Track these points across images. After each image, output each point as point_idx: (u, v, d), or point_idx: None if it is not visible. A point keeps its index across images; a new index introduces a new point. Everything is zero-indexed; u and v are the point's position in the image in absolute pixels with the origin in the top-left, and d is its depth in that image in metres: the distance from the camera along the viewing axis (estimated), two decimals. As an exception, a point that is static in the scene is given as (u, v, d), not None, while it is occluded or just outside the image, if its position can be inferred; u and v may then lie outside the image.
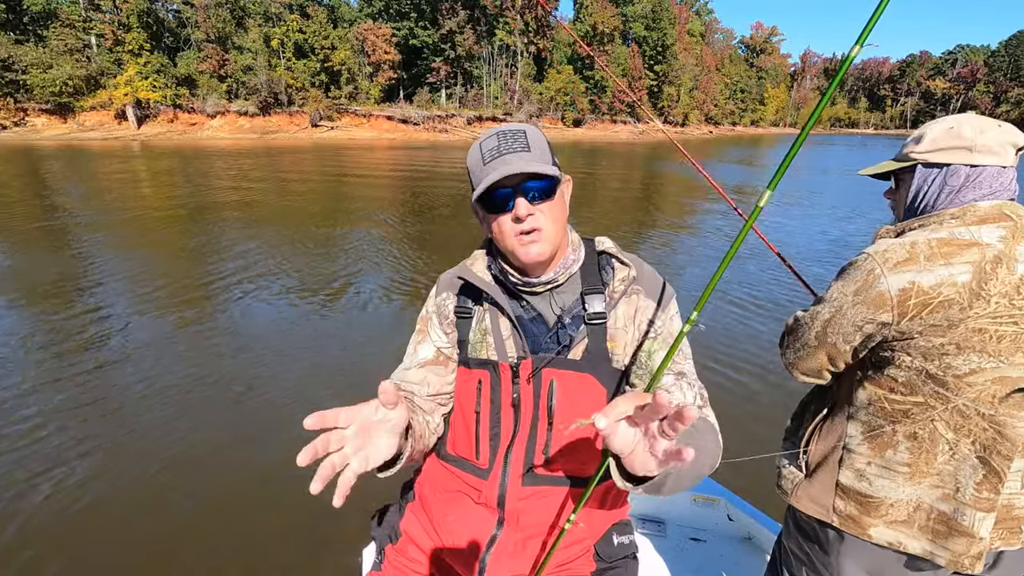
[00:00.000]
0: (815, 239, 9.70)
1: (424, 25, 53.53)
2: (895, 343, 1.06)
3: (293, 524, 2.66)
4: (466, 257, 1.16)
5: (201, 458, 3.23)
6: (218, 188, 14.46)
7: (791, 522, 1.33)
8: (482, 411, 1.08)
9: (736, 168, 25.42)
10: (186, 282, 6.32)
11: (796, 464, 1.27)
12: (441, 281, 1.18)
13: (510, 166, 0.93)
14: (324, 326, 5.18)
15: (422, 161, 24.91)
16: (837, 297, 1.12)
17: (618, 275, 1.08)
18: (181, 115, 41.67)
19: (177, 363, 4.30)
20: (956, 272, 1.00)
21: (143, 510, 2.80)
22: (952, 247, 1.02)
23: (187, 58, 43.32)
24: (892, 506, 1.11)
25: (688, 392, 0.98)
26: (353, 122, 47.66)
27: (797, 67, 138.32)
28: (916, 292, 1.01)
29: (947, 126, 1.12)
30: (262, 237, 8.70)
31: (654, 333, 1.04)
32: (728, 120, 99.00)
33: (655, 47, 70.95)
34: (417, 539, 1.16)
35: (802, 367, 1.22)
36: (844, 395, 1.20)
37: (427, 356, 1.14)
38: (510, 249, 1.00)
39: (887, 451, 1.11)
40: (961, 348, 1.00)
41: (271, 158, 24.69)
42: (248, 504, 2.84)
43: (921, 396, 1.06)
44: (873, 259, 1.07)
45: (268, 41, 45.26)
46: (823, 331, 1.14)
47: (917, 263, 1.02)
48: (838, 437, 1.19)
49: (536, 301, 1.07)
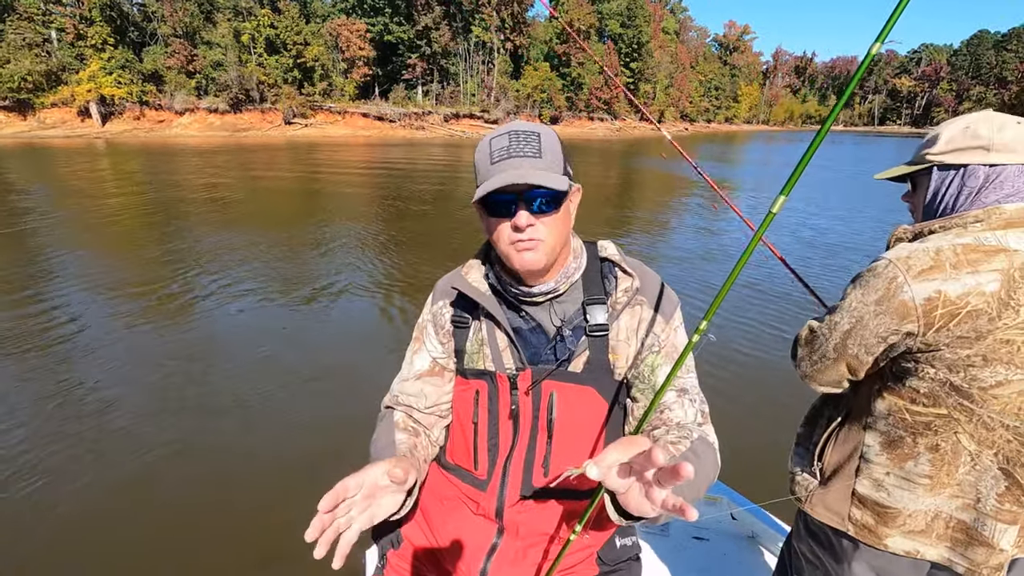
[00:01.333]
0: (795, 233, 9.82)
1: (399, 21, 52.93)
2: (919, 354, 1.02)
3: (294, 526, 2.56)
4: (447, 257, 1.09)
5: (201, 458, 3.16)
6: (189, 187, 14.03)
7: (802, 526, 1.30)
8: (479, 422, 1.07)
9: (711, 164, 25.79)
10: (158, 285, 6.09)
11: (810, 471, 1.24)
12: (437, 289, 1.16)
13: (516, 172, 0.89)
14: (301, 326, 5.02)
15: (399, 159, 24.61)
16: (857, 307, 1.06)
17: (621, 285, 1.05)
18: (148, 112, 40.43)
19: (164, 368, 4.12)
20: (984, 281, 0.95)
21: (140, 508, 2.75)
22: (979, 254, 0.97)
23: (154, 53, 42.01)
24: (911, 516, 1.09)
25: (689, 409, 0.96)
26: (328, 119, 46.89)
27: (769, 65, 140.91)
28: (943, 302, 0.97)
29: (963, 125, 1.08)
30: (236, 238, 8.44)
31: (657, 346, 1.01)
32: (703, 117, 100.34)
33: (631, 44, 71.43)
34: (419, 545, 1.15)
35: (821, 379, 1.17)
36: (862, 404, 1.16)
37: (423, 367, 1.13)
38: (505, 254, 0.96)
39: (907, 462, 1.08)
40: (988, 360, 0.97)
41: (243, 156, 24.11)
42: (248, 504, 2.78)
43: (944, 408, 1.02)
44: (895, 266, 1.01)
45: (238, 36, 44.18)
46: (842, 343, 1.09)
47: (943, 271, 0.97)
48: (855, 446, 1.16)
49: (535, 311, 1.04)
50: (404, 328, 5.04)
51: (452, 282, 1.10)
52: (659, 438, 0.91)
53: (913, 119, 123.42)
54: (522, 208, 0.91)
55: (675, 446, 0.86)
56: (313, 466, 3.02)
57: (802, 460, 1.28)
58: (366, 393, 3.73)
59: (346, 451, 2.95)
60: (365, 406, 1.49)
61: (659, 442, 0.88)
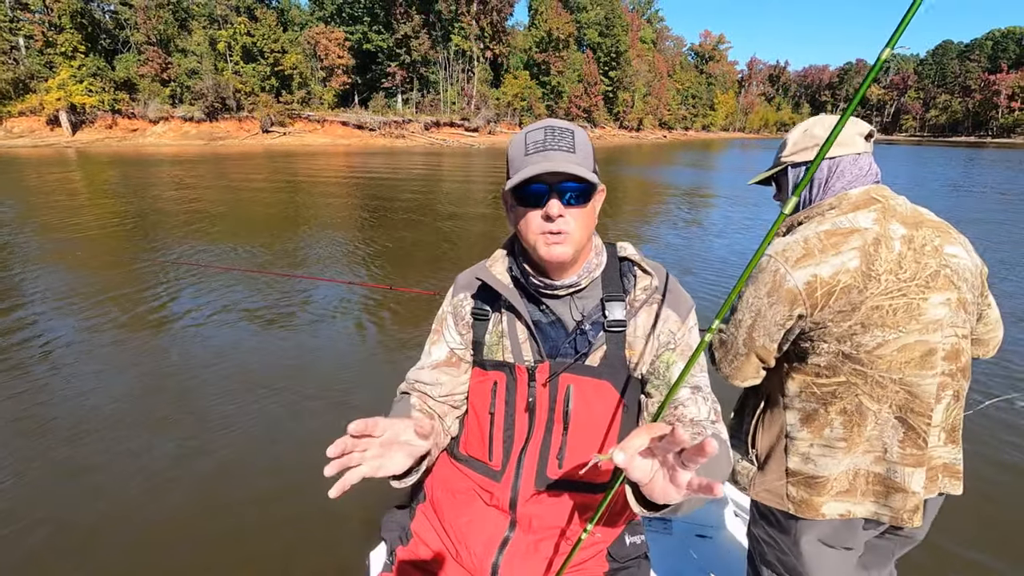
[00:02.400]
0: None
1: (378, 29, 52.82)
2: (812, 333, 1.16)
3: (295, 526, 2.59)
4: (436, 267, 1.06)
5: (200, 458, 3.13)
6: (164, 198, 13.69)
7: (755, 511, 1.41)
8: (496, 412, 1.08)
9: (689, 171, 26.13)
10: (136, 300, 5.90)
11: (748, 459, 1.34)
12: (458, 282, 1.17)
13: (552, 163, 0.91)
14: (284, 340, 4.90)
15: (379, 167, 24.43)
16: (753, 302, 1.20)
17: (640, 283, 1.07)
18: (121, 121, 39.57)
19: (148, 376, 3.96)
20: (847, 259, 1.10)
21: (139, 507, 2.72)
22: (838, 237, 1.13)
23: (126, 61, 41.21)
24: (836, 479, 1.20)
25: (703, 406, 0.98)
26: (306, 128, 46.45)
27: (744, 74, 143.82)
28: (820, 283, 1.11)
29: (802, 129, 1.27)
30: (214, 249, 8.26)
31: (673, 344, 1.04)
32: (681, 125, 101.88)
33: (609, 53, 72.31)
34: (428, 540, 1.15)
35: (740, 376, 1.28)
36: (776, 388, 1.28)
37: (440, 357, 1.14)
38: (532, 244, 0.98)
39: (824, 430, 1.20)
40: (866, 326, 1.10)
41: (220, 165, 23.66)
42: (249, 505, 2.74)
43: (843, 376, 1.15)
44: (775, 260, 1.16)
45: (214, 44, 43.61)
46: (749, 337, 1.22)
47: (813, 257, 1.13)
48: (780, 427, 1.27)
49: (556, 305, 1.06)
50: (386, 340, 4.96)
51: (475, 274, 1.11)
52: None
53: (883, 127, 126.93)
54: (554, 198, 0.93)
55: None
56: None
57: (739, 450, 1.37)
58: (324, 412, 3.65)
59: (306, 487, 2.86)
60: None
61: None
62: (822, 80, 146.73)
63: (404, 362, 4.50)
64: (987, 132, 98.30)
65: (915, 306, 1.11)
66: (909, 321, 1.10)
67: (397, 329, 5.22)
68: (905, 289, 1.10)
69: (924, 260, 1.12)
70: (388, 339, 5.00)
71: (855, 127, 1.24)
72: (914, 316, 1.10)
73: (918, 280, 1.11)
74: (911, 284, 1.11)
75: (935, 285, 1.12)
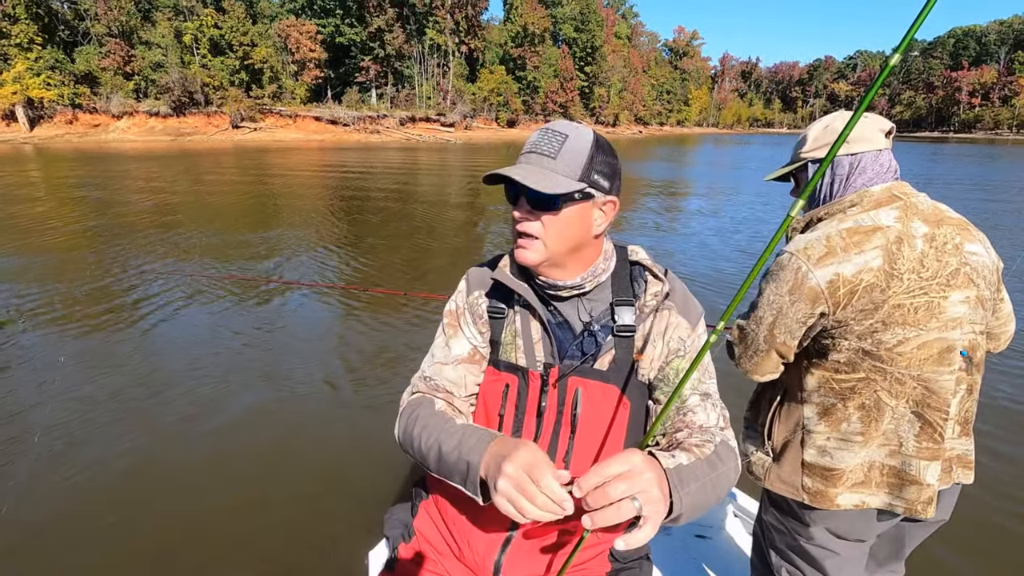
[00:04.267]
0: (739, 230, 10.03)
1: (351, 23, 51.91)
2: (833, 330, 1.16)
3: (295, 526, 2.56)
4: (416, 268, 0.94)
5: (201, 457, 3.09)
6: (129, 196, 13.13)
7: (766, 499, 1.43)
8: (506, 415, 1.07)
9: (664, 165, 26.41)
10: (102, 301, 5.59)
11: (764, 450, 1.36)
12: (472, 279, 1.15)
13: (519, 169, 0.92)
14: (256, 341, 4.69)
15: (354, 163, 23.99)
16: (774, 299, 1.20)
17: (651, 289, 1.06)
18: (82, 116, 38.11)
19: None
20: (870, 258, 1.11)
21: (135, 508, 2.66)
22: (860, 235, 1.13)
23: (87, 53, 39.63)
24: (851, 471, 1.22)
25: (712, 413, 0.99)
26: (278, 123, 45.46)
27: (717, 70, 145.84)
28: (842, 282, 1.12)
29: (823, 125, 1.28)
30: (182, 250, 7.92)
31: (683, 351, 1.03)
32: (656, 120, 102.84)
33: (585, 48, 72.48)
34: (430, 538, 1.15)
35: (759, 371, 1.29)
36: (795, 382, 1.29)
37: (462, 353, 1.11)
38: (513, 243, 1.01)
39: (842, 424, 1.21)
40: (887, 324, 1.11)
41: (188, 162, 22.91)
42: (249, 505, 2.70)
43: (862, 372, 1.16)
44: (797, 258, 1.16)
45: (180, 36, 42.27)
46: (770, 333, 1.22)
47: (836, 255, 1.13)
48: (796, 420, 1.28)
49: (563, 307, 1.06)
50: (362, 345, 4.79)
51: (489, 272, 1.10)
52: (683, 441, 0.94)
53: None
54: (522, 201, 0.94)
55: (700, 448, 0.90)
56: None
57: (754, 442, 1.40)
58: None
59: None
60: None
61: (683, 444, 0.93)
62: (792, 76, 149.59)
63: (407, 362, 4.32)
64: (949, 128, 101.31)
65: (936, 304, 1.11)
66: (930, 319, 1.11)
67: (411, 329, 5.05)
68: (926, 288, 1.11)
69: (945, 259, 1.13)
70: (398, 343, 4.83)
71: (876, 123, 1.24)
72: (934, 314, 1.11)
73: (939, 279, 1.12)
74: (932, 283, 1.11)
75: (955, 283, 1.12)
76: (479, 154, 31.80)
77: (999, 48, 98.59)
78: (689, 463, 0.84)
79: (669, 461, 0.81)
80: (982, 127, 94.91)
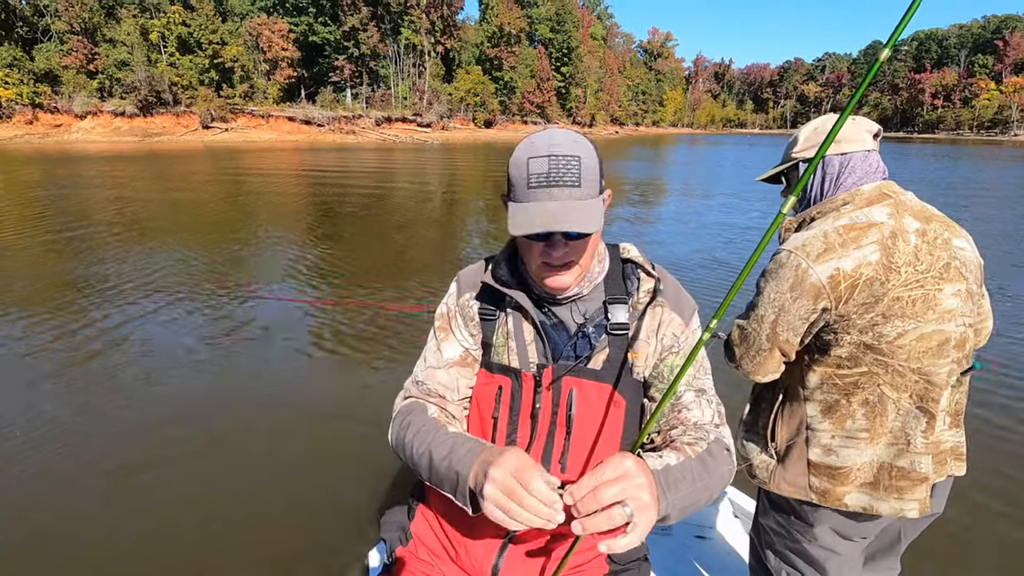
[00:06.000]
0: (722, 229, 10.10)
1: (324, 21, 51.19)
2: (836, 325, 1.17)
3: (295, 526, 2.55)
4: (401, 277, 0.93)
5: (203, 455, 3.08)
6: (94, 200, 12.62)
7: (765, 501, 1.42)
8: (500, 417, 1.06)
9: (641, 164, 26.76)
10: (65, 318, 5.31)
11: (767, 452, 1.34)
12: (462, 281, 1.14)
13: (552, 212, 0.85)
14: (228, 357, 4.50)
15: (330, 165, 23.58)
16: (776, 297, 1.20)
17: (643, 286, 1.06)
18: (43, 115, 36.87)
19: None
20: (867, 252, 1.14)
21: (141, 506, 2.67)
22: (856, 231, 1.16)
23: (47, 51, 38.27)
24: (859, 470, 1.22)
25: (707, 410, 0.98)
26: (250, 123, 44.60)
27: (691, 71, 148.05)
28: (843, 277, 1.14)
29: (813, 126, 1.31)
30: (151, 258, 7.62)
31: (677, 348, 1.03)
32: (632, 120, 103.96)
33: (561, 49, 72.83)
34: (427, 541, 1.15)
35: (761, 371, 1.28)
36: (795, 381, 1.28)
37: (454, 356, 1.09)
38: (533, 272, 0.98)
39: (846, 422, 1.21)
40: (887, 317, 1.14)
41: (156, 164, 22.23)
42: (249, 505, 2.69)
43: (865, 366, 1.18)
44: (796, 255, 1.18)
45: (146, 34, 41.14)
46: (772, 332, 1.22)
47: (835, 251, 1.15)
48: (800, 420, 1.28)
49: (557, 308, 1.05)
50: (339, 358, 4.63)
51: (479, 273, 1.10)
52: (676, 438, 0.94)
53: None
54: (557, 237, 0.89)
55: (691, 447, 0.90)
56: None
57: (757, 445, 1.38)
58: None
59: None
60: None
61: (676, 442, 0.93)
62: (764, 78, 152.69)
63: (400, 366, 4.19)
64: (914, 128, 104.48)
65: (931, 297, 1.14)
66: (927, 312, 1.14)
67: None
68: (922, 280, 1.14)
69: (937, 253, 1.16)
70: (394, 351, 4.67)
71: (864, 125, 1.28)
72: (931, 306, 1.14)
73: (933, 272, 1.15)
74: (927, 276, 1.14)
75: (948, 276, 1.16)
76: (457, 154, 31.64)
77: (959, 51, 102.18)
78: (678, 463, 0.84)
79: (656, 462, 0.81)
80: (944, 127, 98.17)
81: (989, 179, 20.32)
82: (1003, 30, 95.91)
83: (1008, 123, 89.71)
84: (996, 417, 3.45)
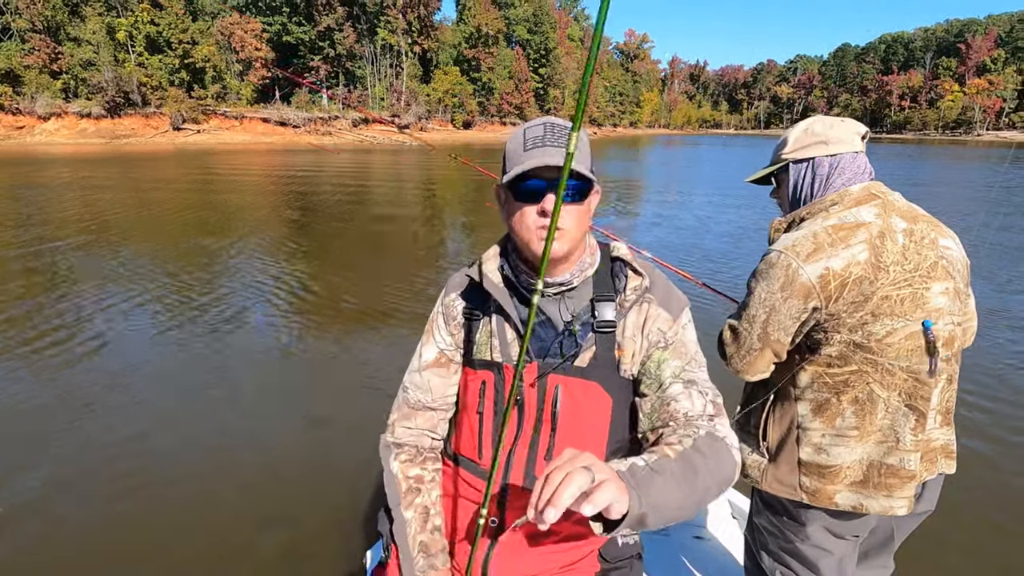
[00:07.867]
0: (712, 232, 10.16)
1: (298, 21, 50.42)
2: (826, 324, 1.19)
3: (295, 525, 2.58)
4: (379, 278, 0.95)
5: (199, 458, 3.10)
6: (58, 206, 12.11)
7: (759, 501, 1.43)
8: (485, 412, 1.08)
9: (622, 164, 27.22)
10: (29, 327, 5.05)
11: (759, 452, 1.36)
12: (450, 283, 1.18)
13: (552, 158, 0.90)
14: (207, 361, 4.32)
15: (305, 166, 23.19)
16: (766, 297, 1.22)
17: (631, 284, 1.06)
18: (4, 117, 35.50)
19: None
20: (856, 252, 1.15)
21: (141, 506, 2.69)
22: (845, 231, 1.18)
23: (7, 50, 36.89)
24: (849, 468, 1.23)
25: (697, 400, 0.96)
26: (223, 125, 43.67)
27: (667, 72, 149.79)
28: (832, 276, 1.15)
29: (803, 128, 1.34)
30: (122, 269, 7.34)
31: (664, 343, 1.03)
32: (610, 122, 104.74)
33: (539, 50, 72.99)
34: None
35: (752, 370, 1.30)
36: (787, 380, 1.29)
37: (429, 359, 1.15)
38: (526, 240, 0.97)
39: (836, 420, 1.23)
40: (876, 315, 1.15)
41: (125, 167, 21.55)
42: (248, 504, 2.72)
43: (854, 365, 1.19)
44: (786, 255, 1.19)
45: (112, 33, 39.99)
46: (764, 332, 1.24)
47: (824, 251, 1.16)
48: (791, 419, 1.29)
49: (546, 304, 1.06)
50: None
51: (466, 272, 1.12)
52: (665, 438, 0.92)
53: (794, 123, 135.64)
54: (551, 193, 0.93)
55: (672, 446, 0.85)
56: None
57: (748, 445, 1.39)
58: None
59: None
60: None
61: (659, 443, 0.90)
62: (738, 79, 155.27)
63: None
64: (882, 128, 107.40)
65: (919, 295, 1.15)
66: (915, 310, 1.15)
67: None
68: (910, 279, 1.15)
69: (924, 252, 1.17)
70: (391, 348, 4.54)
71: (852, 127, 1.30)
72: (919, 305, 1.15)
73: (920, 271, 1.16)
74: (915, 275, 1.15)
75: (935, 275, 1.17)
76: (436, 155, 31.42)
77: (924, 54, 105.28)
78: (649, 462, 0.78)
79: (619, 465, 0.76)
80: (911, 128, 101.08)
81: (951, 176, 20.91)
82: (964, 34, 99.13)
83: (971, 123, 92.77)
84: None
